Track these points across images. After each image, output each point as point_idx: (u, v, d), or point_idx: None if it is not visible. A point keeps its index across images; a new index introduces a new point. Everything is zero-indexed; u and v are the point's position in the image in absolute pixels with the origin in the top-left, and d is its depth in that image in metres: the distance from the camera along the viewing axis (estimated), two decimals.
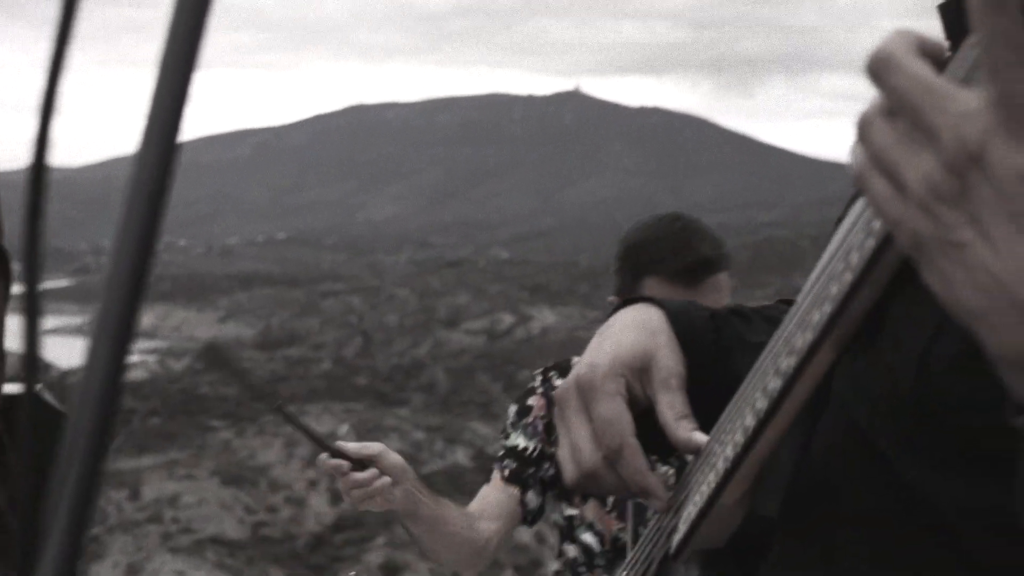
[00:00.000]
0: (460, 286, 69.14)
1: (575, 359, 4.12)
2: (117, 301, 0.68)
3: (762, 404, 1.33)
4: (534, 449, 4.04)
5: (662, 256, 3.95)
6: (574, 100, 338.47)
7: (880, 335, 1.24)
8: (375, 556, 26.71)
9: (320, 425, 32.38)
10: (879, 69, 0.89)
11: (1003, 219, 0.87)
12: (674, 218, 4.05)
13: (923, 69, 0.88)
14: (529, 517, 4.11)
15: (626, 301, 1.65)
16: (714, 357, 1.63)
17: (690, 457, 1.55)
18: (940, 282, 0.92)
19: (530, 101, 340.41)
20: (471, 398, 46.51)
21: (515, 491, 3.95)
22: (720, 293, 3.79)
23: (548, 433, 4.06)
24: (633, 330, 1.56)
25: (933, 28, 1.62)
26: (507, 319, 56.91)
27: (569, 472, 1.53)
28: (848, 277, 1.17)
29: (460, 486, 31.76)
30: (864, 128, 0.93)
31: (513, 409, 4.12)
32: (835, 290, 1.20)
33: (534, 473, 4.02)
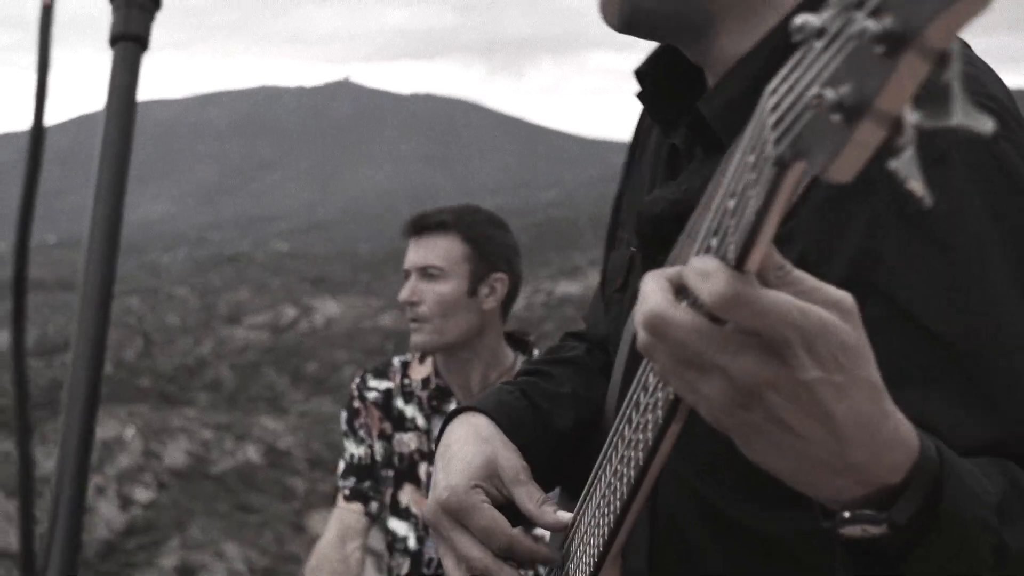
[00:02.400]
0: (240, 281, 68.35)
1: (396, 360, 4.28)
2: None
3: (618, 499, 1.48)
4: (366, 455, 4.21)
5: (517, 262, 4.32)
6: (345, 89, 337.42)
7: None
8: (169, 560, 26.25)
9: (105, 430, 31.70)
10: (656, 329, 1.09)
11: (797, 414, 1.09)
12: None
13: (693, 321, 1.07)
14: (379, 519, 4.30)
15: (451, 415, 1.87)
16: (539, 428, 1.86)
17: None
18: (753, 453, 1.15)
19: (300, 92, 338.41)
20: (258, 394, 46.09)
21: (358, 507, 4.18)
22: None
23: (372, 434, 4.25)
24: (470, 443, 1.77)
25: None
26: (290, 312, 56.37)
27: None
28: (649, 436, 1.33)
29: (252, 483, 31.45)
30: (650, 352, 1.12)
31: (344, 416, 4.31)
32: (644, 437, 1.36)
33: (373, 485, 4.18)
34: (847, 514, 1.19)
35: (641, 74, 1.85)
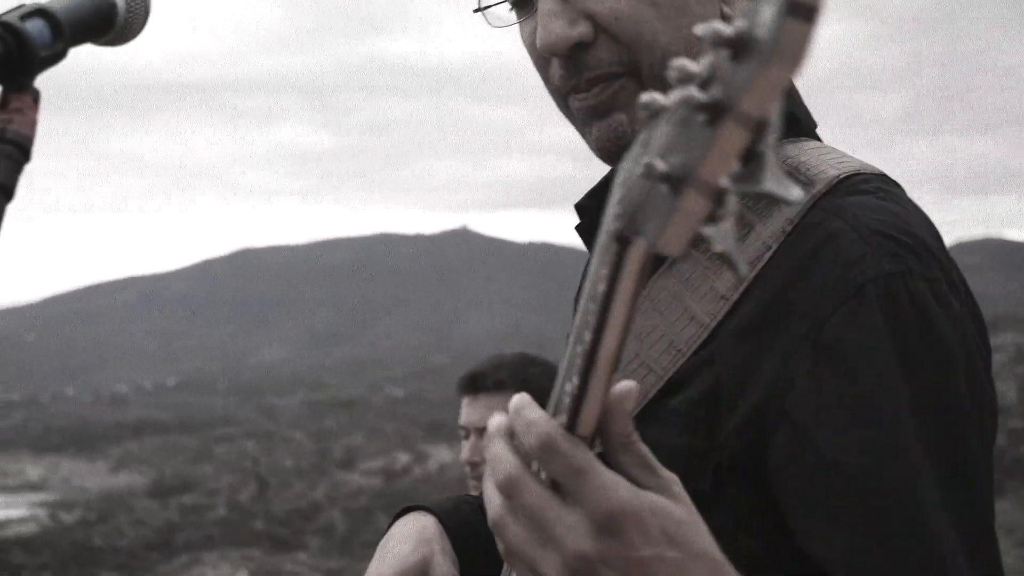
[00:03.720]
0: (355, 426, 68.59)
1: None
2: None
3: None
4: None
5: None
6: (462, 237, 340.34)
7: None
8: None
9: (218, 572, 31.86)
10: (508, 488, 1.13)
11: None
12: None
13: (540, 491, 1.11)
14: None
15: (403, 510, 1.91)
16: (489, 544, 1.85)
17: None
18: None
19: (418, 239, 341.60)
20: (370, 540, 45.95)
21: None
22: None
23: None
24: (410, 541, 1.81)
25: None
26: (403, 458, 56.47)
27: None
28: None
29: None
30: (500, 527, 1.16)
31: None
32: None
33: None
34: None
35: (581, 208, 1.87)
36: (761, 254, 1.51)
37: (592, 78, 1.67)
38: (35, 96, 1.28)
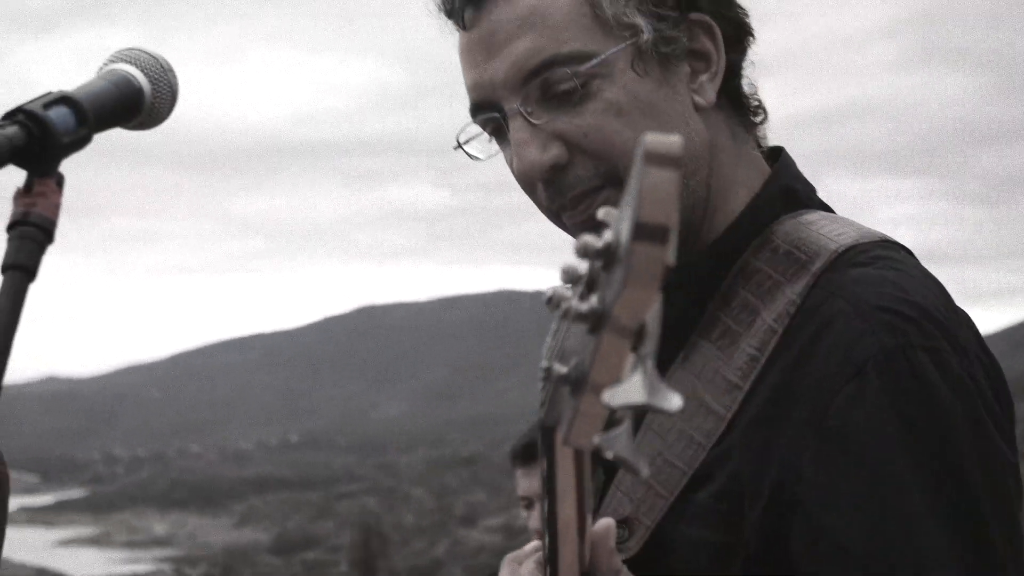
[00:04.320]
0: (476, 483, 68.69)
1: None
2: None
3: None
4: None
5: None
6: None
7: None
8: None
9: None
10: None
11: None
12: None
13: None
14: None
15: None
16: None
17: None
18: None
19: (538, 296, 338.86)
20: None
21: None
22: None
23: None
24: None
25: None
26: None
27: None
28: None
29: None
30: None
31: None
32: None
33: None
34: None
35: None
36: (769, 339, 1.54)
37: (576, 196, 1.69)
38: (59, 180, 1.32)
